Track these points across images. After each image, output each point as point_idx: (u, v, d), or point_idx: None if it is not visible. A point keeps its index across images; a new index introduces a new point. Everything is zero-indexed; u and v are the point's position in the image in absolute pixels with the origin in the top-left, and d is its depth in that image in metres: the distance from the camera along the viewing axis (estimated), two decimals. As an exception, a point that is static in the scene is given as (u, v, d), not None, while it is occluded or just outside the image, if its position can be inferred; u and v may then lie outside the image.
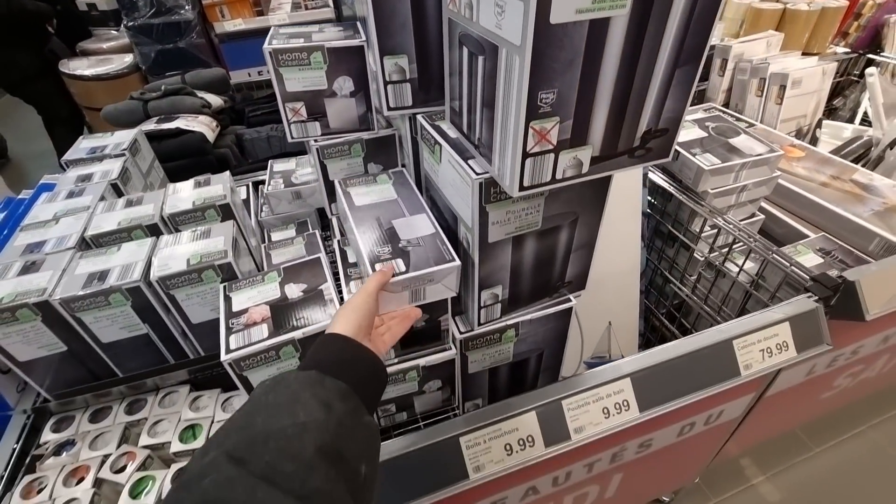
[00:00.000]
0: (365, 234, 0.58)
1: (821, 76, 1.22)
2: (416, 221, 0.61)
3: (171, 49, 2.10)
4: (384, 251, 0.56)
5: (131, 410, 0.63)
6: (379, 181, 0.69)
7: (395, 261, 0.55)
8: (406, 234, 0.59)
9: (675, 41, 0.42)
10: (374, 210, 0.62)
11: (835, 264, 0.85)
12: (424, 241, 0.58)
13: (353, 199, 0.64)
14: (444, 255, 0.56)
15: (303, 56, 0.63)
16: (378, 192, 0.65)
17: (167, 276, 0.58)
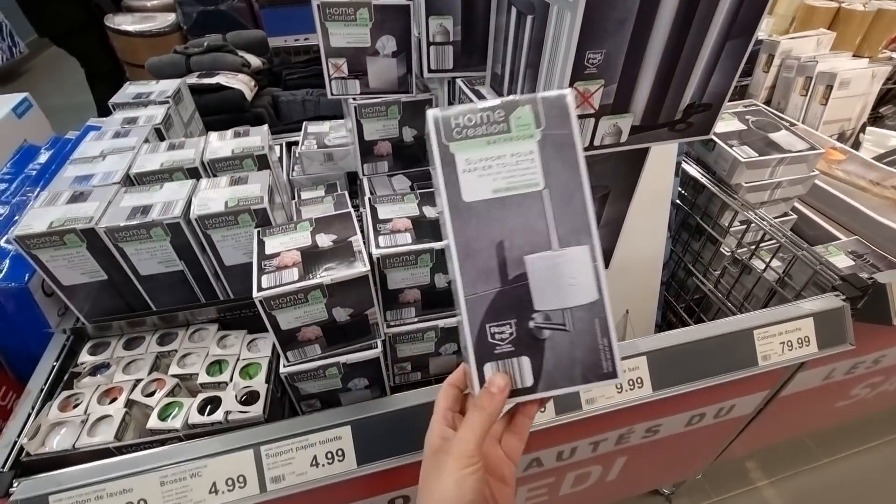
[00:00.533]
0: (470, 278, 0.36)
1: (870, 79, 1.18)
2: (568, 264, 0.35)
3: (213, 11, 2.13)
4: (502, 334, 0.36)
5: (163, 342, 0.66)
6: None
7: (517, 361, 0.36)
8: (546, 298, 0.36)
9: (730, 11, 0.42)
10: (498, 215, 0.36)
11: (866, 268, 0.83)
12: (574, 318, 0.36)
13: (462, 184, 0.35)
14: (599, 360, 0.36)
15: (349, 11, 0.64)
16: (509, 171, 0.36)
17: (205, 216, 0.60)
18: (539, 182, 0.36)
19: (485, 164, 0.36)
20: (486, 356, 0.36)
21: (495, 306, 0.36)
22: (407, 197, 0.68)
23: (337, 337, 0.61)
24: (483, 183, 0.36)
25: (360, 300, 0.59)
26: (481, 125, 0.36)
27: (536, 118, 0.36)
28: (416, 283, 0.63)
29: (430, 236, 0.61)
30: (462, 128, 0.36)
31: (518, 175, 0.36)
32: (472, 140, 0.36)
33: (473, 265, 0.36)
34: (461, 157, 0.36)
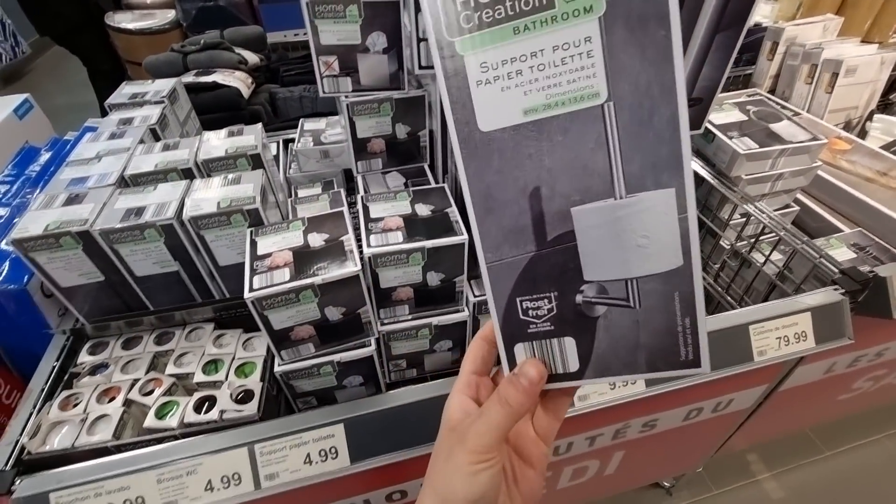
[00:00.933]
0: (493, 240, 0.28)
1: (878, 66, 1.15)
2: (639, 216, 0.25)
3: (212, 6, 2.12)
4: (539, 310, 0.28)
5: (160, 341, 0.67)
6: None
7: (557, 343, 0.29)
8: (601, 265, 0.27)
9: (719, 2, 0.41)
10: (533, 149, 0.25)
11: (868, 260, 0.82)
12: (643, 292, 0.27)
13: (477, 103, 0.25)
14: (677, 344, 0.27)
15: (338, 8, 0.63)
16: (551, 75, 0.24)
17: (198, 217, 0.60)
18: (600, 91, 0.23)
19: (512, 69, 0.24)
20: (517, 336, 0.29)
21: (529, 276, 0.27)
22: (399, 195, 0.68)
23: (330, 335, 0.62)
24: (509, 99, 0.24)
25: (352, 299, 0.59)
26: (505, 1, 0.23)
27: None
28: (408, 282, 0.63)
29: (421, 234, 0.61)
30: (474, 9, 0.23)
31: (565, 81, 0.23)
32: (490, 30, 0.23)
33: (497, 222, 0.26)
34: (474, 60, 0.24)
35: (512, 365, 0.31)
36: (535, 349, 0.30)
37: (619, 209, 0.25)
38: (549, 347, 0.29)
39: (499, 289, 0.28)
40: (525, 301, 0.28)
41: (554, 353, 0.29)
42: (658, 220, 0.25)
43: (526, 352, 0.30)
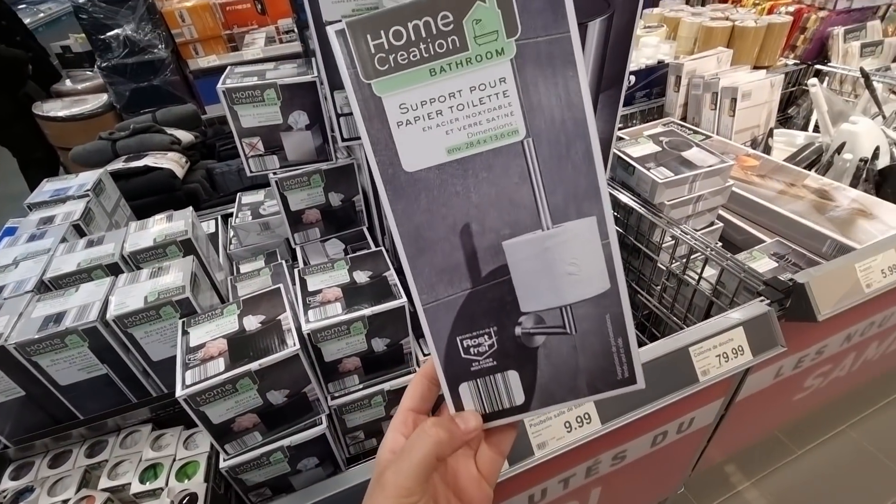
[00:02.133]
0: (426, 280, 0.28)
1: (769, 88, 1.28)
2: (565, 245, 0.27)
3: (146, 87, 2.14)
4: (480, 347, 0.28)
5: (92, 453, 0.62)
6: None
7: (501, 378, 0.29)
8: (536, 295, 0.28)
9: (595, 68, 0.45)
10: (459, 186, 0.26)
11: (788, 268, 0.87)
12: (577, 317, 0.28)
13: (399, 145, 0.25)
14: (613, 364, 0.28)
15: (256, 93, 0.65)
16: (470, 115, 0.25)
17: (124, 315, 0.58)
18: (518, 127, 0.24)
19: (431, 110, 0.24)
20: (461, 376, 0.28)
21: (467, 314, 0.27)
22: (337, 264, 0.68)
23: (277, 420, 0.59)
24: (431, 139, 0.24)
25: (295, 379, 0.57)
26: (418, 43, 0.23)
27: (508, 20, 0.23)
28: (353, 352, 0.62)
29: (361, 303, 0.61)
30: (388, 51, 0.23)
31: (485, 120, 0.24)
32: (406, 72, 0.24)
33: (429, 263, 0.26)
34: (392, 101, 0.24)
35: (457, 405, 0.30)
36: (480, 387, 0.29)
37: (547, 240, 0.26)
38: (494, 383, 0.29)
39: (437, 329, 0.28)
40: (465, 339, 0.28)
41: (499, 388, 0.29)
42: (584, 248, 0.26)
43: (471, 391, 0.29)
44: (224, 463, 0.58)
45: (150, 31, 2.10)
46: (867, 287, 0.78)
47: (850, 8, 1.53)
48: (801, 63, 1.56)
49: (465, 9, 0.23)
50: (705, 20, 1.49)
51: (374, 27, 0.23)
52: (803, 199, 1.03)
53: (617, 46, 0.45)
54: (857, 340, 1.03)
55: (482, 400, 0.29)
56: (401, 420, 0.31)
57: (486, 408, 0.30)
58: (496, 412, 0.29)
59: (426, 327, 0.28)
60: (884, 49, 1.54)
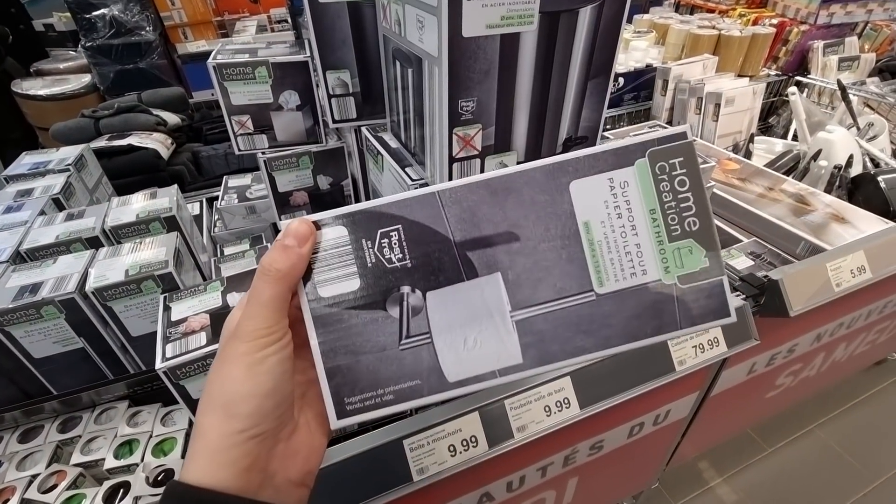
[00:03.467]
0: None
1: (752, 95, 1.32)
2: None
3: (131, 69, 2.09)
4: (389, 251, 0.29)
5: (65, 428, 0.61)
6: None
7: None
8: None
9: (584, 55, 0.46)
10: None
11: (764, 266, 0.90)
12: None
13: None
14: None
15: (247, 70, 0.65)
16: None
17: (104, 287, 0.57)
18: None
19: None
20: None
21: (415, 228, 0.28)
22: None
23: (257, 398, 0.59)
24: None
25: (277, 357, 0.57)
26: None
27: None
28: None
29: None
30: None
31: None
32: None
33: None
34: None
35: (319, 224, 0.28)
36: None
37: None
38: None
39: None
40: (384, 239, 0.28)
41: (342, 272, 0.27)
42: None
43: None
44: (202, 440, 0.57)
45: (138, 13, 2.06)
46: (837, 286, 0.81)
47: (829, 23, 1.59)
48: (783, 74, 1.60)
49: None
50: (693, 28, 1.53)
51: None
52: (780, 203, 1.07)
53: (606, 35, 0.46)
54: (827, 340, 1.07)
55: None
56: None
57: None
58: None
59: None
60: (860, 64, 1.60)
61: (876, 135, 1.29)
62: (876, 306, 1.08)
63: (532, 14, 0.41)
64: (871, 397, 1.50)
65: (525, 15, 0.41)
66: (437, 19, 0.39)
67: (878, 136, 1.29)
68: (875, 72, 1.64)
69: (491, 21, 0.40)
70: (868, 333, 1.19)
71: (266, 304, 0.25)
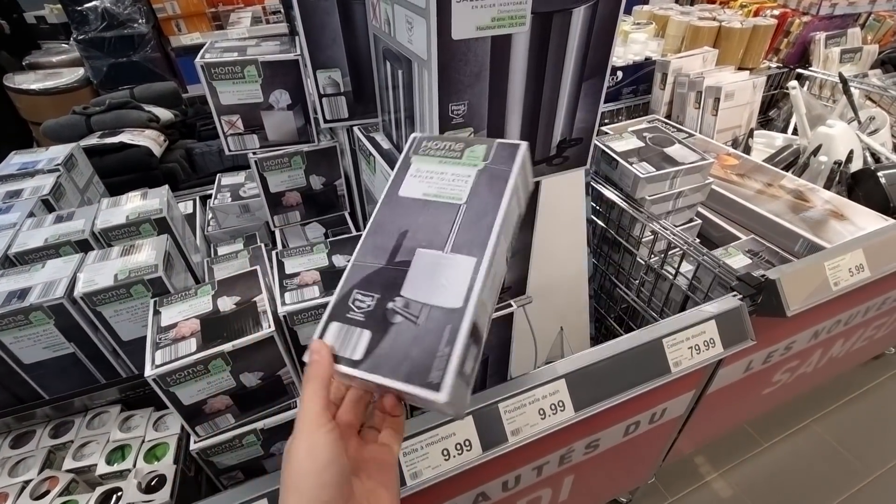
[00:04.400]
0: (366, 249, 0.39)
1: (752, 89, 1.30)
2: (450, 267, 0.37)
3: (125, 63, 2.06)
4: (362, 303, 0.36)
5: (57, 434, 0.60)
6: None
7: (358, 332, 0.35)
8: (415, 288, 0.36)
9: (578, 56, 0.45)
10: (416, 211, 0.40)
11: (761, 264, 0.90)
12: (429, 316, 0.35)
13: (405, 183, 0.42)
14: (431, 366, 0.33)
15: (236, 70, 0.64)
16: (444, 183, 0.41)
17: (93, 292, 0.56)
18: (463, 197, 0.40)
19: (429, 174, 0.42)
20: (338, 316, 0.37)
21: (370, 278, 0.38)
22: (316, 247, 0.67)
23: (250, 403, 0.58)
24: (420, 186, 0.41)
25: (269, 362, 0.57)
26: (441, 149, 0.43)
27: (486, 154, 0.41)
28: (329, 336, 0.62)
29: (339, 286, 0.61)
30: (427, 148, 0.43)
31: (449, 188, 0.41)
32: (429, 156, 0.43)
33: (373, 240, 0.40)
34: (415, 165, 0.43)
35: (322, 334, 0.36)
36: (343, 331, 0.36)
37: (441, 258, 0.38)
38: (352, 334, 0.36)
39: (349, 279, 0.38)
40: (359, 294, 0.37)
41: (352, 339, 0.35)
42: (459, 274, 0.37)
43: (336, 329, 0.36)
44: (194, 445, 0.57)
45: (131, 5, 2.03)
46: (835, 285, 0.81)
47: (832, 14, 1.56)
48: (784, 66, 1.58)
49: (470, 146, 0.43)
50: (693, 19, 1.51)
51: (428, 139, 0.44)
52: (779, 199, 1.06)
53: (601, 35, 0.44)
54: (824, 337, 1.06)
55: (338, 339, 0.36)
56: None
57: (336, 348, 0.35)
58: (341, 357, 0.35)
59: (345, 275, 0.38)
60: (862, 56, 1.58)
61: (877, 129, 1.28)
62: (874, 303, 1.08)
63: (524, 15, 0.40)
64: (867, 392, 1.51)
65: (517, 16, 0.39)
66: (425, 21, 0.38)
67: (879, 130, 1.27)
68: (878, 64, 1.62)
69: (481, 23, 0.39)
70: (866, 329, 1.18)
71: (314, 400, 0.33)
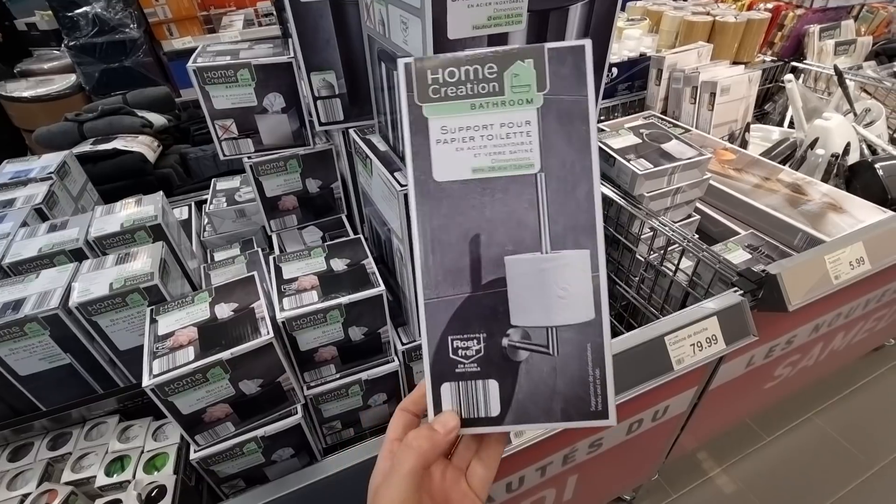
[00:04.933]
0: (433, 277, 0.30)
1: (747, 83, 1.30)
2: (560, 271, 0.29)
3: (117, 68, 2.05)
4: (468, 350, 0.30)
5: (55, 445, 0.60)
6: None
7: (482, 385, 0.30)
8: (527, 311, 0.30)
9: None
10: (477, 202, 0.29)
11: (761, 259, 0.89)
12: (561, 340, 0.30)
13: (435, 158, 0.29)
14: (588, 395, 0.29)
15: (229, 73, 0.63)
16: (496, 144, 0.29)
17: (88, 302, 0.56)
18: (534, 162, 0.28)
19: (466, 135, 0.29)
20: (446, 375, 0.30)
21: (462, 315, 0.29)
22: (314, 251, 0.67)
23: (250, 410, 0.58)
24: (461, 159, 0.29)
25: (268, 368, 0.56)
26: (466, 83, 0.28)
27: (540, 78, 0.28)
28: (329, 341, 0.61)
29: (338, 291, 0.60)
30: (441, 85, 0.28)
31: (508, 151, 0.28)
32: (452, 102, 0.29)
33: (439, 261, 0.29)
34: (436, 123, 0.29)
35: (437, 405, 0.31)
36: (461, 390, 0.30)
37: (544, 262, 0.29)
38: (474, 389, 0.30)
39: (433, 325, 0.30)
40: (456, 339, 0.30)
41: (478, 394, 0.30)
42: (575, 276, 0.29)
43: (452, 392, 0.30)
44: (194, 454, 0.56)
45: (121, 10, 2.01)
46: (835, 279, 0.80)
47: (825, 6, 1.56)
48: (778, 60, 1.58)
49: (508, 64, 0.28)
50: (687, 14, 1.50)
51: (434, 65, 0.29)
52: (777, 193, 1.06)
53: (598, 32, 0.44)
54: (825, 331, 1.06)
55: (461, 403, 0.30)
56: (387, 450, 0.32)
57: (462, 412, 0.30)
58: (472, 419, 0.30)
59: (423, 321, 0.30)
60: (856, 48, 1.58)
61: (873, 120, 1.28)
62: (874, 295, 1.08)
63: (520, 13, 0.39)
64: (868, 384, 1.51)
65: (513, 14, 0.39)
66: (420, 21, 0.38)
67: (875, 122, 1.27)
68: (871, 55, 1.62)
69: (477, 22, 0.38)
70: (866, 322, 1.18)
71: (405, 476, 0.28)
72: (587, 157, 0.28)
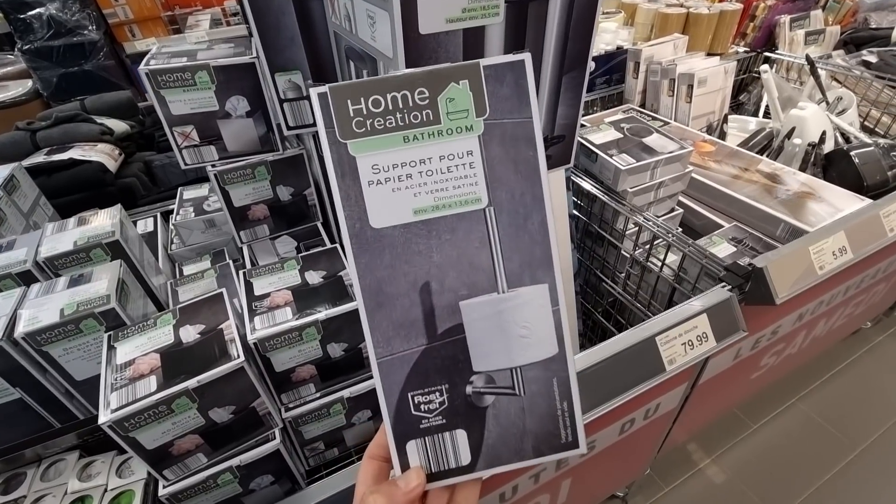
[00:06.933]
0: (383, 334, 0.28)
1: (723, 74, 1.30)
2: (518, 310, 0.28)
3: (77, 72, 1.95)
4: (430, 404, 0.28)
5: (7, 489, 0.55)
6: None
7: (449, 437, 0.29)
8: (489, 356, 0.28)
9: (557, 48, 0.42)
10: (422, 246, 0.27)
11: (746, 252, 0.89)
12: (526, 379, 0.29)
13: (369, 202, 0.26)
14: (557, 428, 0.29)
15: (186, 76, 0.58)
16: (437, 180, 0.27)
17: (37, 331, 0.51)
18: (481, 196, 0.26)
19: (401, 173, 0.26)
20: (410, 433, 0.28)
21: (420, 370, 0.27)
22: (287, 264, 0.63)
23: (223, 439, 0.54)
24: (399, 200, 0.26)
25: (241, 394, 0.52)
26: (395, 112, 0.25)
27: (478, 101, 0.25)
28: (307, 359, 0.58)
29: (314, 305, 0.56)
30: (366, 116, 0.25)
31: (451, 187, 0.26)
32: (381, 136, 0.25)
33: (388, 316, 0.27)
34: (366, 162, 0.25)
35: (403, 463, 0.29)
36: (428, 445, 0.29)
37: (502, 303, 0.27)
38: (442, 442, 0.29)
39: (389, 385, 0.28)
40: (417, 395, 0.28)
41: (446, 447, 0.29)
42: (535, 313, 0.28)
43: (418, 448, 0.29)
44: (163, 490, 0.52)
45: (78, 11, 1.91)
46: (820, 269, 0.80)
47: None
48: (751, 50, 1.59)
49: (441, 87, 0.26)
50: (661, 7, 1.50)
51: (355, 94, 0.25)
52: (756, 184, 1.05)
53: (580, 24, 0.41)
54: (808, 319, 1.07)
55: (428, 458, 0.29)
56: (357, 502, 0.30)
57: (431, 466, 0.29)
58: (442, 472, 0.29)
59: (378, 382, 0.28)
60: (825, 37, 1.60)
61: (845, 108, 1.29)
62: (854, 282, 1.09)
63: (497, 5, 0.36)
64: (847, 367, 1.54)
65: (489, 6, 0.36)
66: (388, 14, 0.34)
67: (847, 110, 1.29)
68: (840, 44, 1.64)
69: (451, 14, 0.35)
70: (846, 307, 1.20)
71: None
72: (537, 185, 0.27)
